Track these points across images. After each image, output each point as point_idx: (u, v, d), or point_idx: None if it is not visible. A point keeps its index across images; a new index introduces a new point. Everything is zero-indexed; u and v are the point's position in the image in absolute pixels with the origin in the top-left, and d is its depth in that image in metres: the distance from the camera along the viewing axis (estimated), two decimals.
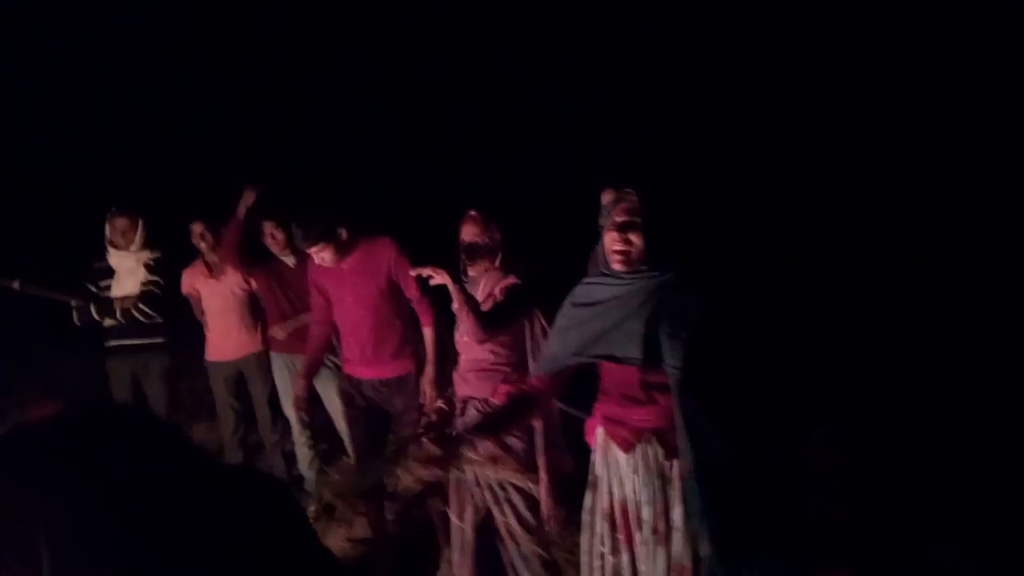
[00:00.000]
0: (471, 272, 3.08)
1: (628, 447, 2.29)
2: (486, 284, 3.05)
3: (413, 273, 3.00)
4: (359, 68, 10.91)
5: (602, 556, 2.35)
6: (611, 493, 2.33)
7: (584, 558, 2.42)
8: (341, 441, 4.52)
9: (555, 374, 2.46)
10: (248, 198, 4.27)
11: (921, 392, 4.87)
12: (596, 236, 3.98)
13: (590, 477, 2.43)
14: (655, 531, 2.24)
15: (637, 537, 2.26)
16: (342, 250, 3.50)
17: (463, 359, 3.10)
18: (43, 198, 9.43)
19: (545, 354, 2.45)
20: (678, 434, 2.15)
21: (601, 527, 2.35)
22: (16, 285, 4.36)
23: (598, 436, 2.39)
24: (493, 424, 2.46)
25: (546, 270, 3.19)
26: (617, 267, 2.25)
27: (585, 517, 2.43)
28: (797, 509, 3.50)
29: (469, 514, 3.04)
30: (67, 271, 4.64)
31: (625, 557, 2.30)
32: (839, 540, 3.54)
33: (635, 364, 2.19)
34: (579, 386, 2.58)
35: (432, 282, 3.01)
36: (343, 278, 3.56)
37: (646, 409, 2.25)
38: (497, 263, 3.06)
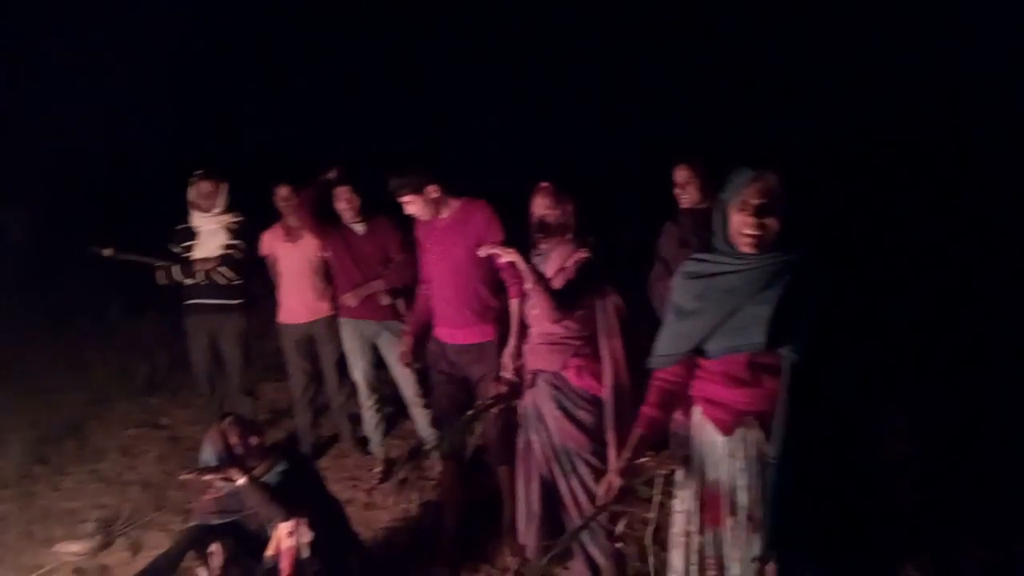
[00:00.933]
0: (542, 245, 3.09)
1: (727, 430, 2.22)
2: (557, 257, 3.05)
3: (482, 253, 3.05)
4: (452, 42, 10.95)
5: (688, 534, 2.34)
6: (703, 473, 2.29)
7: (674, 530, 2.39)
8: (404, 406, 4.62)
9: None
10: (331, 173, 4.36)
11: (998, 382, 4.72)
12: (670, 211, 4.00)
13: (681, 453, 2.37)
14: (750, 518, 2.19)
15: (730, 521, 2.23)
16: (434, 205, 3.54)
17: (534, 331, 3.13)
18: (132, 164, 9.80)
19: (664, 337, 2.32)
20: (776, 419, 2.09)
21: (691, 505, 2.32)
22: (107, 252, 4.63)
23: (694, 415, 2.34)
24: (655, 435, 2.38)
25: (617, 244, 3.20)
26: (746, 249, 2.14)
27: (676, 493, 2.40)
28: (868, 502, 3.46)
29: (536, 483, 3.09)
30: (154, 235, 4.83)
31: (709, 536, 2.28)
32: (911, 533, 3.48)
33: (757, 350, 2.12)
34: None
35: (501, 261, 3.05)
36: (438, 235, 3.61)
37: (751, 391, 2.18)
38: (569, 236, 3.06)
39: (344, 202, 4.33)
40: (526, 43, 10.87)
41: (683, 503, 2.36)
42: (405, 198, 3.51)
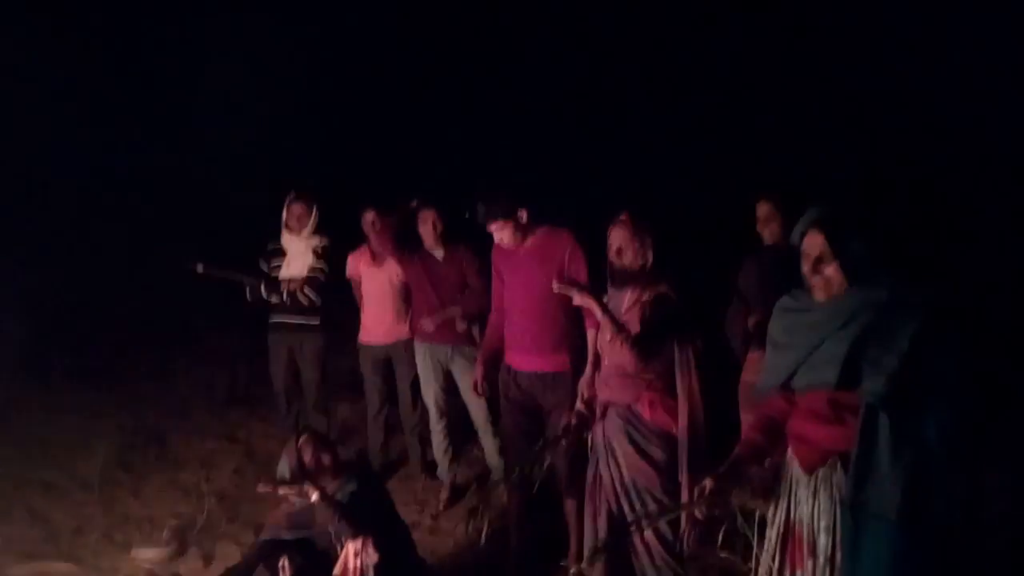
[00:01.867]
0: (620, 278, 3.06)
1: (810, 468, 2.21)
2: (634, 291, 3.01)
3: (557, 290, 3.04)
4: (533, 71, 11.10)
5: (771, 571, 2.32)
6: (788, 511, 2.28)
7: (760, 570, 2.40)
8: (475, 432, 4.62)
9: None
10: (413, 202, 4.44)
11: None
12: (753, 246, 3.92)
13: (770, 488, 2.40)
14: (830, 560, 2.15)
15: (810, 564, 2.19)
16: (521, 232, 3.55)
17: (606, 363, 3.09)
18: (231, 184, 10.23)
19: (765, 368, 2.36)
20: (852, 461, 2.06)
21: (775, 541, 2.31)
22: (200, 268, 4.83)
23: (788, 453, 2.33)
24: (753, 457, 2.39)
25: (693, 280, 3.14)
26: (819, 296, 2.19)
27: (769, 530, 2.40)
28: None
29: (604, 518, 3.03)
30: (247, 252, 5.03)
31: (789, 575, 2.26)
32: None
33: (828, 388, 2.12)
34: None
35: (576, 302, 3.03)
36: (518, 262, 3.61)
37: (834, 429, 2.15)
38: (647, 269, 3.02)
39: (428, 225, 4.40)
40: (605, 70, 10.90)
41: (769, 542, 2.35)
42: (495, 224, 3.52)
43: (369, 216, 4.70)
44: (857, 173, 8.66)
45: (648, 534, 2.92)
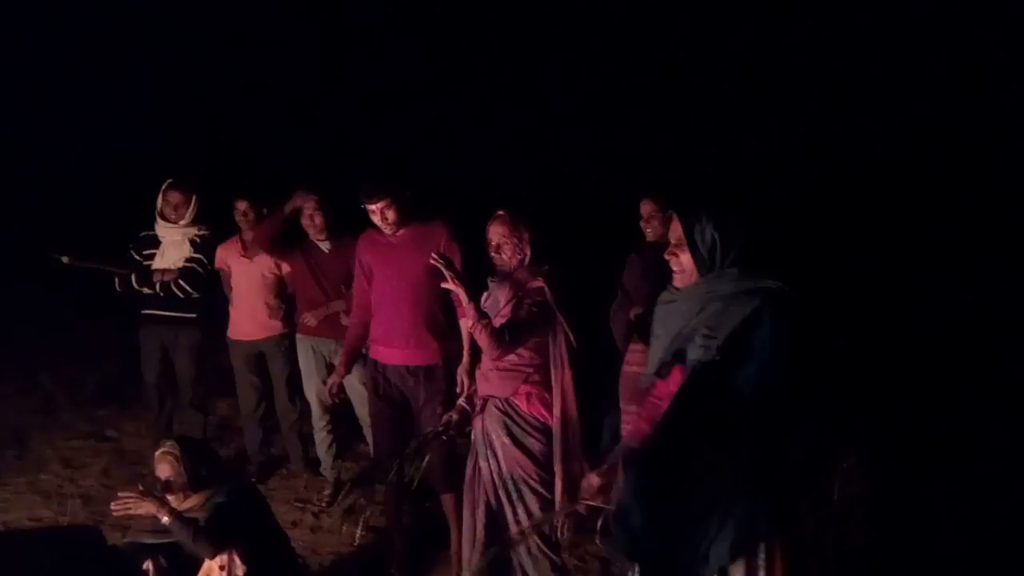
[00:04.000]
0: (499, 272, 3.09)
1: None
2: (513, 285, 3.04)
3: (433, 261, 3.01)
4: (412, 67, 11.00)
5: None
6: None
7: None
8: (360, 427, 4.55)
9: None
10: (299, 200, 4.26)
11: (952, 420, 4.79)
12: (637, 242, 4.03)
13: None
14: None
15: None
16: (403, 214, 3.46)
17: (486, 357, 3.10)
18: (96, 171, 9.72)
19: (650, 358, 2.46)
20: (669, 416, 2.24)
21: None
22: (66, 259, 4.54)
23: None
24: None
25: (573, 273, 3.20)
26: (677, 284, 2.35)
27: None
28: (818, 541, 3.48)
29: (481, 510, 3.05)
30: (115, 242, 4.77)
31: None
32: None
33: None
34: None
35: (444, 284, 3.04)
36: (392, 252, 3.53)
37: None
38: (525, 264, 3.06)
39: (308, 219, 4.28)
40: (491, 64, 10.96)
41: None
42: (381, 203, 3.40)
43: (241, 206, 4.53)
44: (747, 173, 9.07)
45: (524, 522, 2.95)
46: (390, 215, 3.43)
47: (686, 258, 2.29)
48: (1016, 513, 3.89)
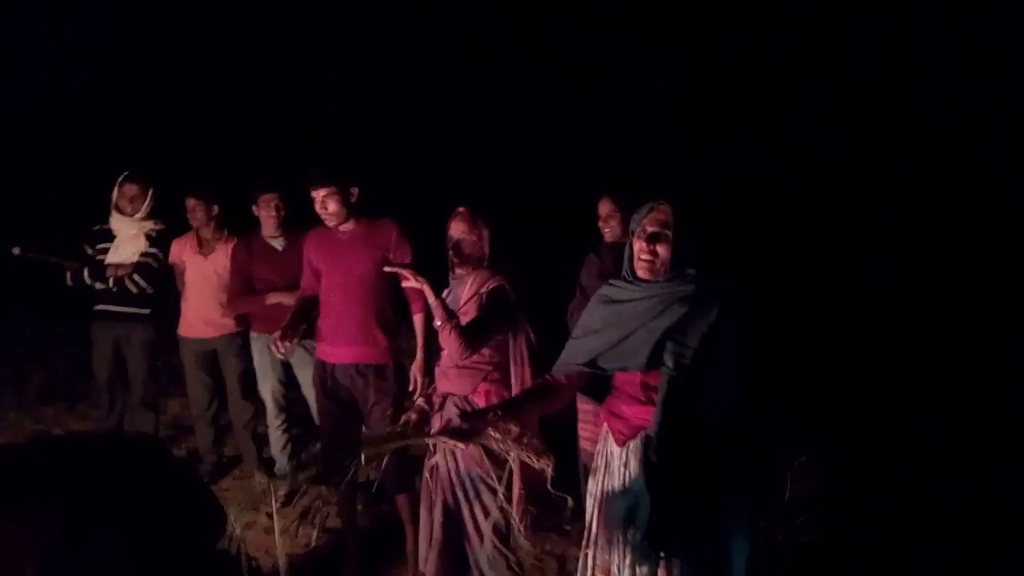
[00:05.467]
0: (458, 270, 3.07)
1: (622, 441, 2.38)
2: (473, 283, 3.03)
3: (388, 270, 3.03)
4: (366, 64, 10.92)
5: (591, 540, 2.44)
6: (603, 483, 2.43)
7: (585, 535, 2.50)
8: (316, 427, 4.49)
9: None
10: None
11: (907, 415, 4.90)
12: (595, 242, 4.04)
13: (592, 465, 2.54)
14: (639, 528, 2.29)
15: (619, 532, 2.32)
16: (347, 210, 3.38)
17: (445, 354, 3.09)
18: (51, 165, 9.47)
19: (567, 349, 2.49)
20: (650, 427, 2.24)
21: (592, 511, 2.45)
22: (16, 251, 4.40)
23: (603, 428, 2.50)
24: (515, 407, 2.48)
25: (535, 272, 3.21)
26: (642, 274, 2.34)
27: (587, 502, 2.54)
28: (773, 535, 3.53)
29: (439, 509, 3.03)
30: (69, 235, 4.64)
31: (602, 542, 2.38)
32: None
33: (639, 369, 2.29)
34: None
35: (406, 284, 3.02)
36: (339, 248, 3.46)
37: (645, 408, 2.32)
38: (485, 262, 3.05)
39: (266, 210, 4.21)
40: (452, 66, 10.96)
41: (588, 513, 2.49)
42: (324, 191, 3.33)
43: (191, 203, 4.45)
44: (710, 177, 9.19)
45: (482, 522, 2.94)
46: (331, 205, 3.35)
47: (664, 249, 2.29)
48: (966, 508, 3.99)
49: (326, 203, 3.35)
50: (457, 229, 3.02)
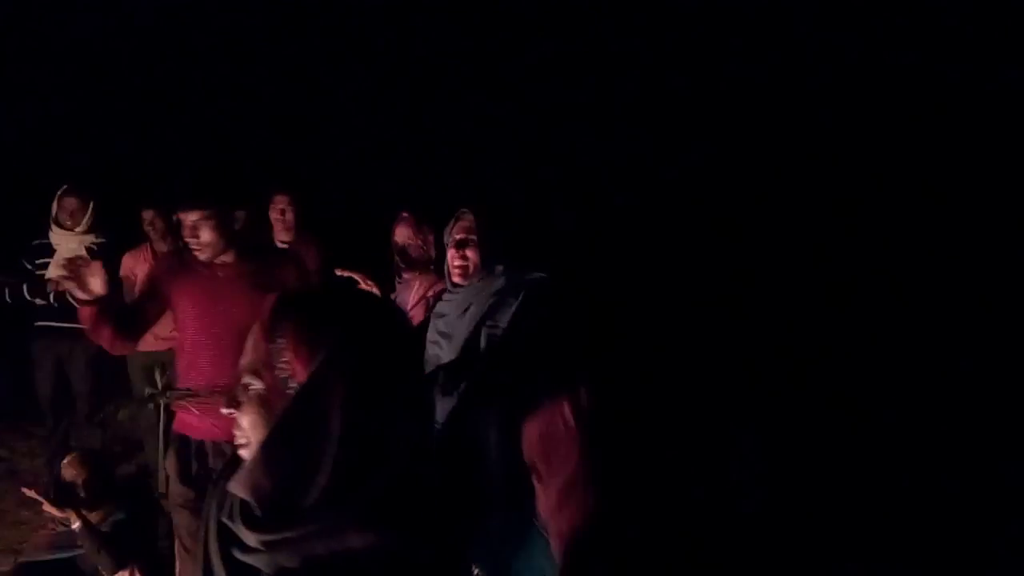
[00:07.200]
0: (405, 275, 3.13)
1: None
2: (419, 287, 3.09)
3: (340, 273, 3.01)
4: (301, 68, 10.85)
5: None
6: None
7: None
8: None
9: None
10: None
11: (855, 401, 5.00)
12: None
13: None
14: None
15: None
16: (228, 238, 2.64)
17: None
18: None
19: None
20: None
21: None
22: None
23: None
24: None
25: None
26: (456, 279, 2.47)
27: None
28: (717, 520, 3.61)
29: None
30: (5, 250, 4.56)
31: None
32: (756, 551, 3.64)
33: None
34: None
35: (363, 287, 3.05)
36: (213, 286, 2.69)
37: None
38: (431, 266, 3.11)
39: (274, 213, 4.15)
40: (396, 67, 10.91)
41: None
42: (195, 215, 2.59)
43: (148, 215, 4.41)
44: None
45: None
46: (204, 233, 2.61)
47: (472, 253, 2.42)
48: (915, 493, 4.09)
49: (197, 230, 2.61)
50: (402, 235, 3.08)
